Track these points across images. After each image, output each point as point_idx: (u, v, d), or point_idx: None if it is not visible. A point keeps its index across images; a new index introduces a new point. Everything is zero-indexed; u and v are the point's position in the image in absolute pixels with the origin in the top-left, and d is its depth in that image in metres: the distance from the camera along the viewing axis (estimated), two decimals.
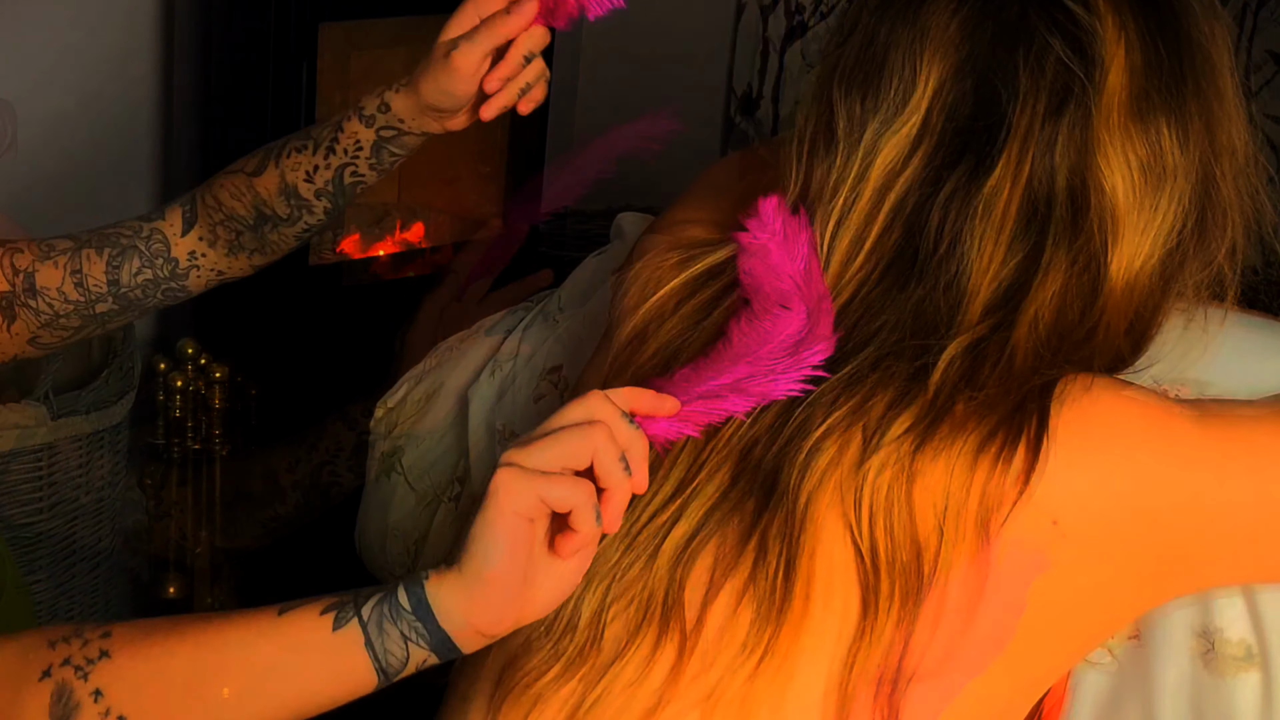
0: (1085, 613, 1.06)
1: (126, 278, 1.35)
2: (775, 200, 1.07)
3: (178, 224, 1.35)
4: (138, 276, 1.35)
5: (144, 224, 1.35)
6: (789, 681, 1.03)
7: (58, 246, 1.34)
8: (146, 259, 1.35)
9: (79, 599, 2.48)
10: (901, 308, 1.06)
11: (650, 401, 0.99)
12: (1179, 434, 1.03)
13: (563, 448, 0.94)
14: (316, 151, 1.32)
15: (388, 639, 0.94)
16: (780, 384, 1.01)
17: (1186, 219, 1.07)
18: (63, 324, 1.36)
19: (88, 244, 1.34)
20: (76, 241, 1.34)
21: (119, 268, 1.34)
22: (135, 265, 1.35)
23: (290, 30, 2.44)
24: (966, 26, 1.07)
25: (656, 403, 0.99)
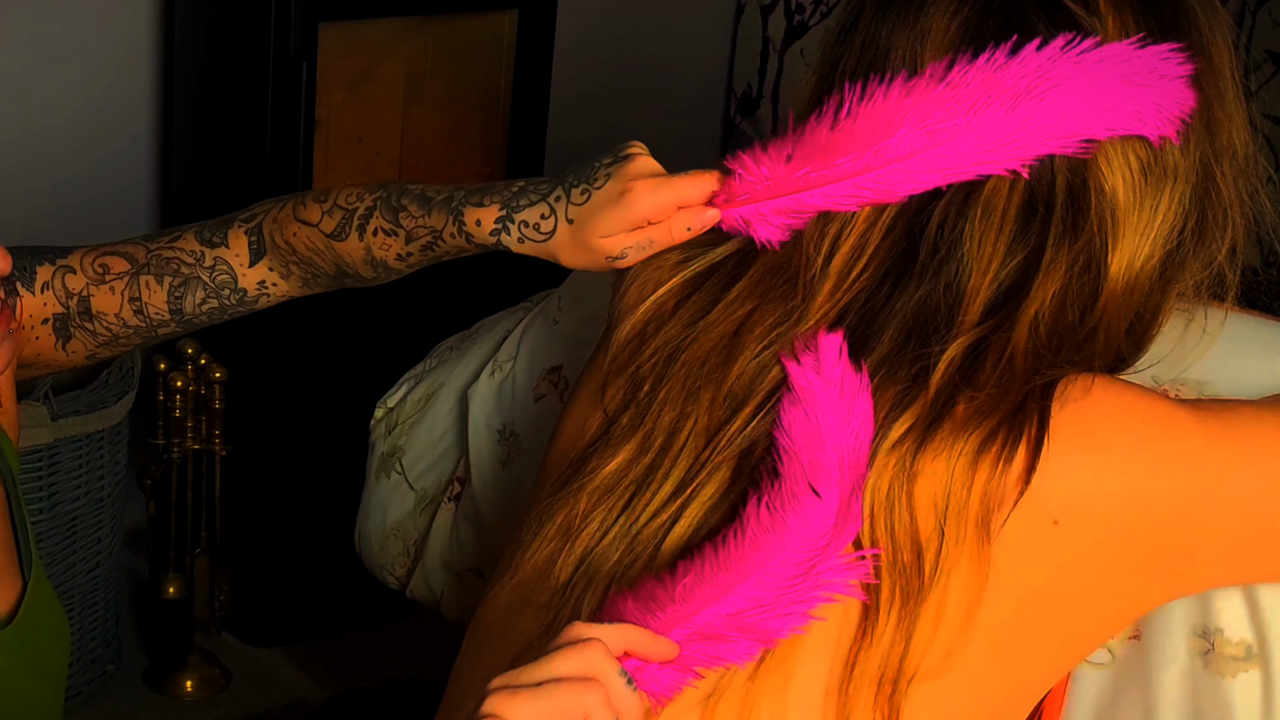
0: (1086, 613, 1.06)
1: (191, 307, 1.31)
2: (838, 340, 1.04)
3: (244, 254, 1.30)
4: (202, 306, 1.31)
5: (205, 250, 1.30)
6: (789, 681, 1.03)
7: (112, 269, 1.29)
8: (212, 290, 1.31)
9: (79, 599, 2.48)
10: (903, 309, 1.06)
11: (649, 646, 0.95)
12: (1180, 434, 1.03)
13: (553, 704, 0.90)
14: (410, 243, 1.25)
15: None
16: (789, 621, 0.97)
17: (1187, 219, 1.07)
18: (122, 343, 1.33)
19: (145, 269, 1.29)
20: (132, 264, 1.30)
21: (181, 298, 1.30)
22: (200, 295, 1.31)
23: (290, 30, 2.44)
24: (968, 27, 1.07)
25: (655, 647, 0.95)
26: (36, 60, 2.63)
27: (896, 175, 1.06)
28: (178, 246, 1.31)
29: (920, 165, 1.05)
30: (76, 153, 2.72)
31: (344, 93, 2.75)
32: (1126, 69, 1.04)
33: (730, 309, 1.11)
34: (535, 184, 1.21)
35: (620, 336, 1.15)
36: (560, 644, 0.92)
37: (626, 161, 1.18)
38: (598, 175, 1.18)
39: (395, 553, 1.64)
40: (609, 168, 1.18)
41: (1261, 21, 3.00)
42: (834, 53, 1.12)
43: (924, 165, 1.05)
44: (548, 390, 1.50)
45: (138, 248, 1.32)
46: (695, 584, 0.98)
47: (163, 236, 1.32)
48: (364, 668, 2.68)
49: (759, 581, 0.98)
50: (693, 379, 1.08)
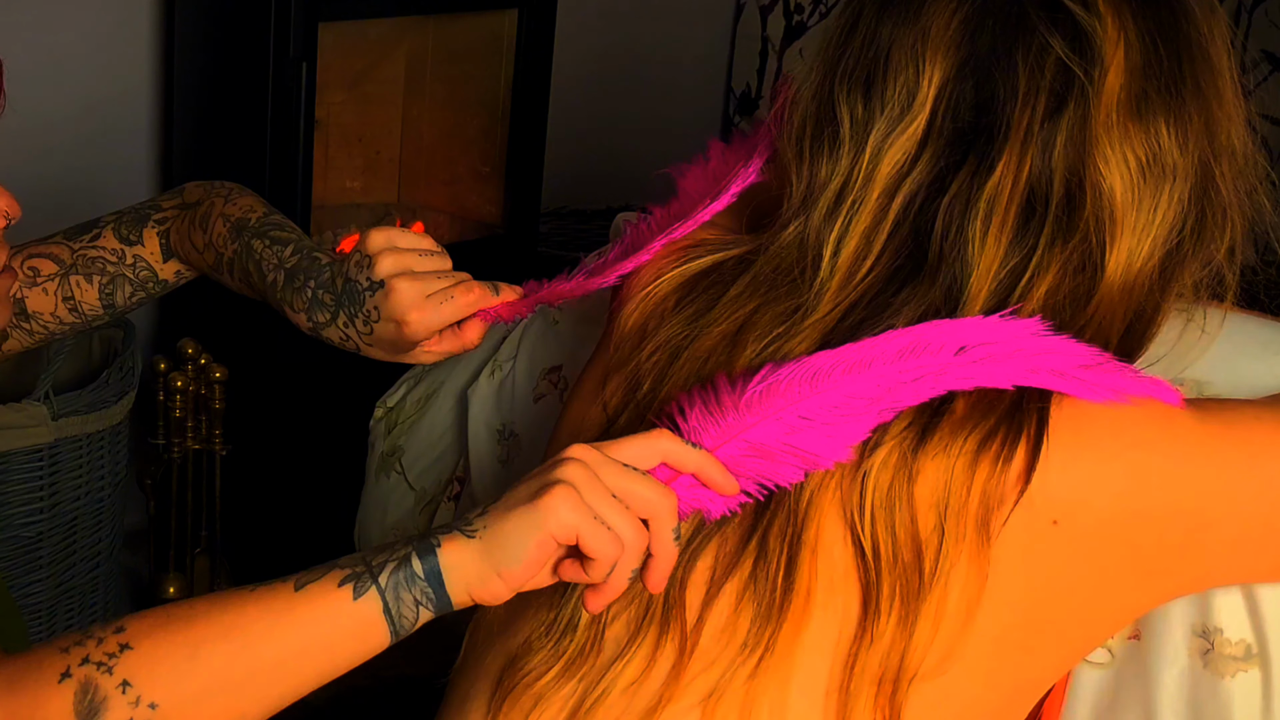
0: (1085, 612, 1.06)
1: (122, 300, 1.37)
2: None
3: (157, 252, 1.36)
4: (132, 298, 1.37)
5: (125, 248, 1.36)
6: (790, 681, 1.03)
7: (42, 270, 1.34)
8: (137, 284, 1.37)
9: (79, 599, 2.48)
10: (907, 309, 1.06)
11: (718, 477, 1.00)
12: (1179, 433, 1.03)
13: (638, 489, 0.96)
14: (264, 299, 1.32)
15: (403, 605, 0.97)
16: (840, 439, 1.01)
17: (1185, 219, 1.07)
18: (58, 337, 1.39)
19: (74, 269, 1.35)
20: (60, 265, 1.35)
21: (112, 294, 1.36)
22: (128, 290, 1.37)
23: (290, 30, 2.44)
24: (967, 26, 1.07)
25: (723, 480, 1.00)
26: (37, 60, 2.63)
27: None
28: (100, 245, 1.36)
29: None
30: (76, 152, 2.72)
31: (344, 93, 2.76)
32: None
33: (732, 307, 1.11)
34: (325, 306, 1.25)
35: (621, 334, 1.15)
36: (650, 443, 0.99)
37: (385, 297, 1.20)
38: (368, 307, 1.21)
39: None
40: (374, 299, 1.21)
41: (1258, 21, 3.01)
42: (834, 53, 1.12)
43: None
44: (547, 390, 1.50)
45: (61, 248, 1.36)
46: (763, 395, 1.00)
47: (84, 234, 1.37)
48: (364, 668, 2.68)
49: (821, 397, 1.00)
50: (693, 378, 1.08)
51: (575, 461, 0.96)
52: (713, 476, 1.00)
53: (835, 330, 1.07)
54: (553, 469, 0.96)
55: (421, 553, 0.96)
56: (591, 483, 0.95)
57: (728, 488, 1.00)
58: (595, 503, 0.95)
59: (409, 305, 1.19)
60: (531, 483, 0.96)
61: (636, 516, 0.96)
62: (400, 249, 1.20)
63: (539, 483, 0.96)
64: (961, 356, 1.01)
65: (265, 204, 1.36)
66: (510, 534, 0.95)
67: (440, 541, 0.96)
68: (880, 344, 1.02)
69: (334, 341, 1.25)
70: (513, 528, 0.95)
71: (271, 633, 0.96)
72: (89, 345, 2.48)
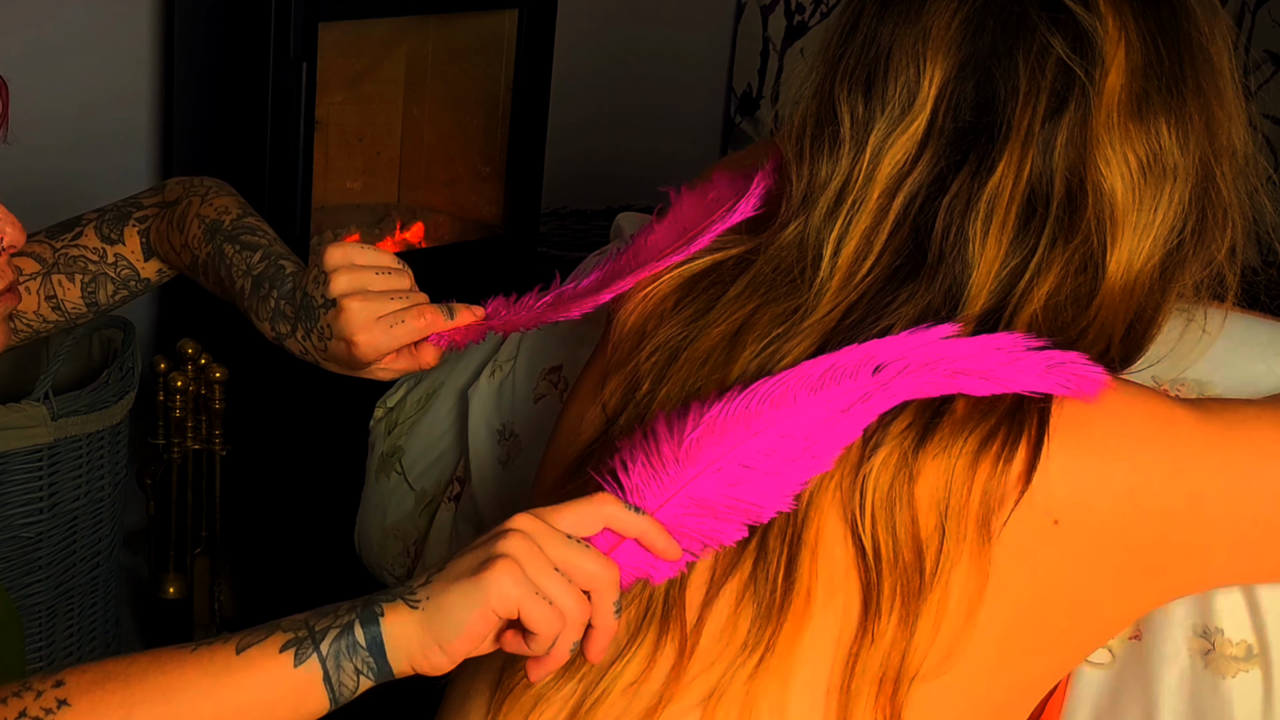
0: (1086, 612, 1.06)
1: (105, 299, 1.37)
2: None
3: (138, 251, 1.37)
4: (115, 296, 1.38)
5: (106, 247, 1.36)
6: (790, 681, 1.03)
7: (24, 270, 1.34)
8: (119, 283, 1.37)
9: (79, 599, 2.48)
10: (907, 309, 1.06)
11: (661, 543, 0.99)
12: (1180, 433, 1.03)
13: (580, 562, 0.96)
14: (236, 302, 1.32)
15: (343, 673, 0.96)
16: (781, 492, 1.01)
17: (1186, 220, 1.07)
18: (42, 335, 1.39)
19: (55, 268, 1.35)
20: (42, 264, 1.35)
21: (94, 292, 1.36)
22: (110, 289, 1.37)
23: (290, 30, 2.44)
24: (968, 26, 1.07)
25: (666, 546, 0.99)
26: (36, 60, 2.63)
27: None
28: (81, 244, 1.37)
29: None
30: (75, 153, 2.72)
31: (344, 93, 2.75)
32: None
33: (731, 307, 1.11)
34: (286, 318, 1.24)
35: (619, 333, 1.15)
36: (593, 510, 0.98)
37: (336, 316, 1.19)
38: (322, 324, 1.21)
39: (395, 553, 1.64)
40: (327, 316, 1.20)
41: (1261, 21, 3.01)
42: (835, 53, 1.12)
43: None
44: (547, 390, 1.50)
45: (43, 246, 1.37)
46: (700, 442, 1.00)
47: (65, 233, 1.38)
48: None
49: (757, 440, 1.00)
50: (693, 378, 1.08)
51: (518, 533, 0.95)
52: (654, 543, 0.99)
53: (835, 330, 1.07)
54: (496, 540, 0.95)
55: (364, 621, 0.95)
56: (534, 555, 0.94)
57: (670, 554, 0.99)
58: (537, 577, 0.94)
59: (358, 326, 1.18)
60: (476, 552, 0.96)
61: (579, 589, 0.95)
62: (357, 266, 1.19)
63: (483, 554, 0.95)
64: (880, 376, 1.01)
65: (241, 204, 1.35)
66: (453, 607, 0.94)
67: (384, 610, 0.95)
68: (799, 373, 1.01)
69: (295, 353, 1.25)
70: (455, 601, 0.94)
71: (208, 696, 0.95)
72: (89, 345, 2.48)
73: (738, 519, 1.00)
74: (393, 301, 1.19)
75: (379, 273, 1.20)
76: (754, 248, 1.13)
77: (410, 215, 2.84)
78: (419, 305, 1.19)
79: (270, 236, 1.31)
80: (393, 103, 2.85)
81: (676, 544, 0.99)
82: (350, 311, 1.18)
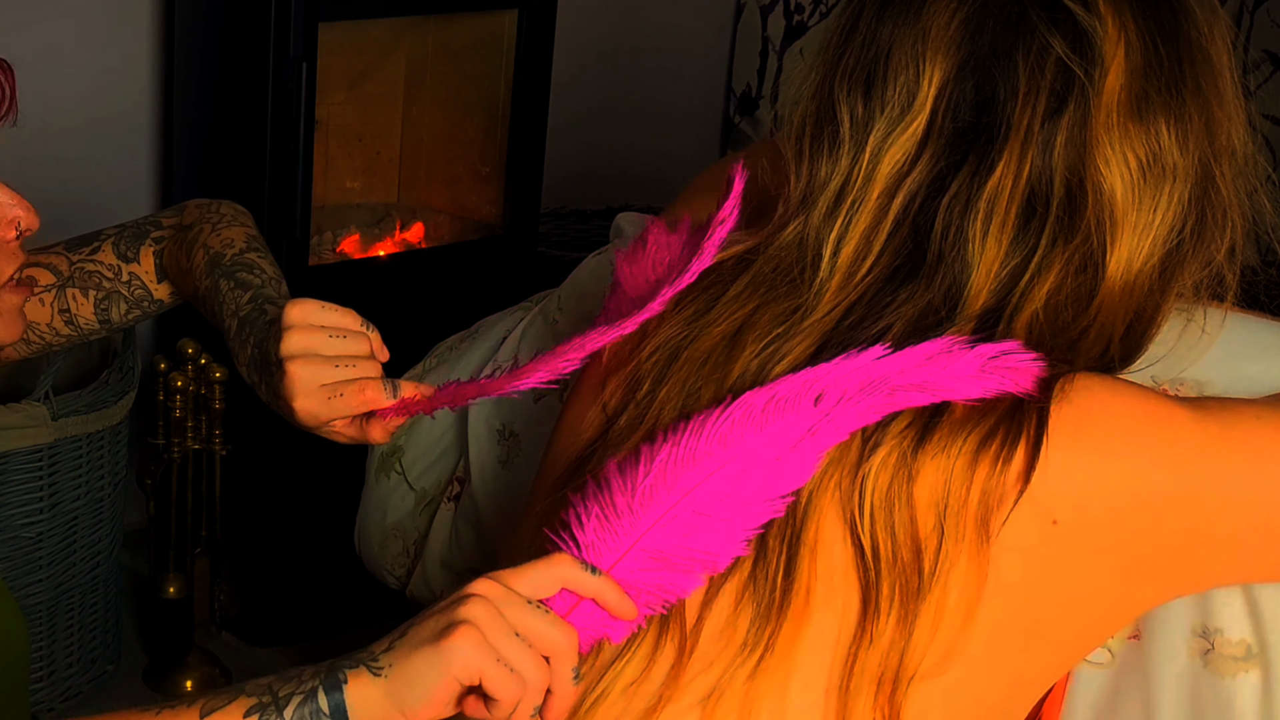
0: (1084, 612, 1.06)
1: (117, 317, 1.37)
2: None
3: (152, 272, 1.36)
4: (128, 315, 1.37)
5: (122, 265, 1.35)
6: (789, 681, 1.03)
7: (40, 281, 1.34)
8: (133, 302, 1.37)
9: (79, 599, 2.48)
10: (907, 309, 1.06)
11: (617, 603, 0.99)
12: (1178, 432, 1.03)
13: (541, 627, 0.96)
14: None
15: None
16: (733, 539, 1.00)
17: (1186, 220, 1.07)
18: (55, 348, 1.39)
19: (70, 282, 1.35)
20: (58, 276, 1.35)
21: (107, 310, 1.36)
22: (123, 307, 1.36)
23: (290, 30, 2.44)
24: (967, 26, 1.07)
25: (621, 606, 0.99)
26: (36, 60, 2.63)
27: None
28: (98, 260, 1.36)
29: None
30: (76, 152, 2.72)
31: (344, 93, 2.76)
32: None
33: (731, 307, 1.11)
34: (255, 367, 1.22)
35: None
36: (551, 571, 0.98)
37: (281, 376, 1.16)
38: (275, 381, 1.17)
39: (395, 553, 1.64)
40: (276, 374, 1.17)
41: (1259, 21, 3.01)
42: (834, 53, 1.12)
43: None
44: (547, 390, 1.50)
45: (60, 258, 1.36)
46: (652, 489, 1.00)
47: (83, 247, 1.37)
48: None
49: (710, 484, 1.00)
50: (693, 378, 1.09)
51: (479, 598, 0.95)
52: (610, 603, 0.99)
53: (835, 330, 1.07)
54: (457, 606, 0.95)
55: (328, 688, 0.95)
56: (495, 622, 0.95)
57: (627, 613, 0.99)
58: (498, 643, 0.94)
59: (297, 392, 1.15)
60: (437, 617, 0.96)
61: (539, 655, 0.96)
62: (311, 327, 1.15)
63: (444, 619, 0.95)
64: (822, 406, 1.01)
65: (249, 237, 1.33)
66: (414, 674, 0.94)
67: (347, 677, 0.95)
68: (743, 407, 1.01)
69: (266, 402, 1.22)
70: (417, 668, 0.94)
71: None
72: (89, 345, 2.49)
73: (695, 570, 1.00)
74: (338, 370, 1.15)
75: (333, 335, 1.16)
76: (754, 247, 1.13)
77: (410, 215, 2.85)
78: (362, 380, 1.15)
79: (267, 276, 1.28)
80: (393, 103, 2.85)
81: (633, 604, 0.99)
82: (290, 375, 1.15)
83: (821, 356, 1.06)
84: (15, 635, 1.35)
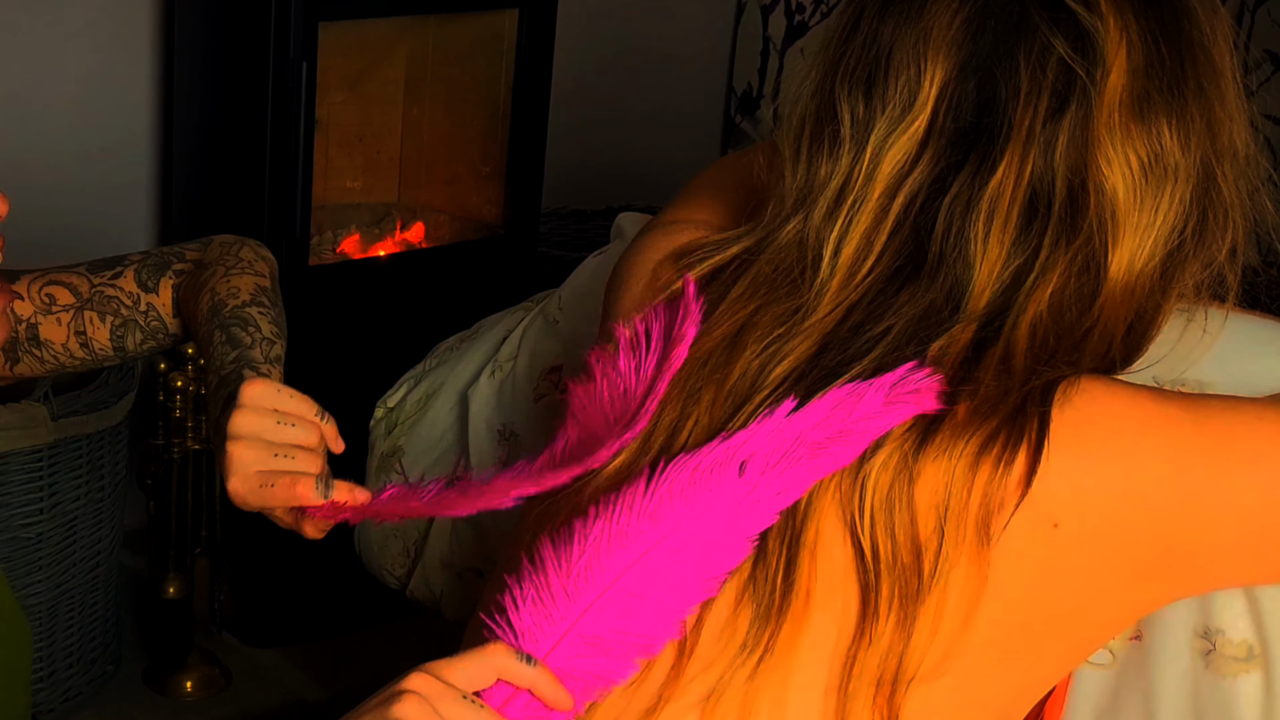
0: (1085, 615, 1.06)
1: (132, 346, 1.36)
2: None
3: (169, 305, 1.35)
4: (143, 346, 1.36)
5: (141, 294, 1.34)
6: (789, 682, 1.03)
7: (58, 299, 1.33)
8: (148, 333, 1.36)
9: (79, 599, 2.48)
10: (908, 310, 1.06)
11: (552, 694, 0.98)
12: (1180, 437, 1.03)
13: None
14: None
15: None
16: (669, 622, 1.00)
17: (1187, 220, 1.07)
18: (68, 369, 1.38)
19: (89, 304, 1.34)
20: (77, 297, 1.34)
21: (123, 338, 1.35)
22: (139, 337, 1.36)
23: (290, 30, 2.44)
24: (969, 26, 1.07)
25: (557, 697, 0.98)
26: (36, 60, 2.63)
27: None
28: (119, 285, 1.35)
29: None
30: (76, 152, 2.72)
31: (344, 93, 2.76)
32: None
33: (733, 309, 1.11)
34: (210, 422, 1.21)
35: None
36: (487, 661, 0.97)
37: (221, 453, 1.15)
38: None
39: (395, 552, 1.64)
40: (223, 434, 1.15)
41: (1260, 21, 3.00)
42: (835, 52, 1.12)
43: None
44: (548, 390, 1.50)
45: (81, 279, 1.35)
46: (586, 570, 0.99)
47: (106, 270, 1.36)
48: (364, 668, 2.68)
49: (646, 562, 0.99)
50: (694, 379, 1.08)
51: (412, 695, 0.94)
52: (545, 695, 0.98)
53: (836, 330, 1.07)
54: (390, 703, 0.94)
55: None
56: (430, 718, 0.93)
57: (562, 705, 0.99)
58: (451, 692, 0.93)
59: (231, 473, 1.13)
60: (371, 716, 0.95)
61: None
62: (262, 409, 1.14)
63: (378, 717, 0.94)
64: (746, 477, 1.00)
65: (256, 289, 1.31)
66: None
67: None
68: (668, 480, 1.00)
69: None
70: None
71: None
72: None
73: (630, 655, 1.00)
74: (276, 459, 1.13)
75: (282, 422, 1.14)
76: (753, 247, 1.13)
77: (410, 215, 2.85)
78: (296, 475, 1.13)
79: (260, 336, 1.27)
80: (393, 103, 2.85)
81: (568, 696, 0.98)
82: (229, 454, 1.13)
83: (822, 357, 1.06)
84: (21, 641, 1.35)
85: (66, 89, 2.67)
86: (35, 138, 2.66)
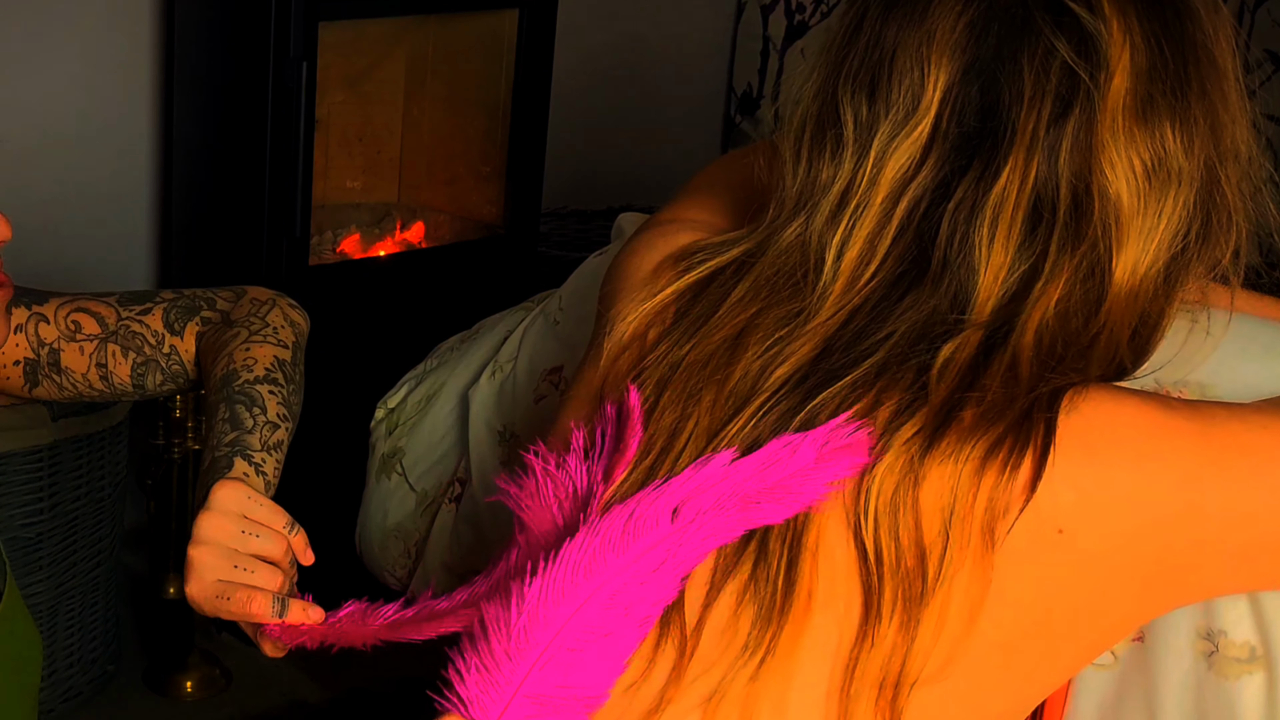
0: (1089, 620, 1.06)
1: (152, 386, 1.35)
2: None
3: (192, 350, 1.35)
4: (162, 386, 1.36)
5: (166, 335, 1.34)
6: (790, 683, 1.03)
7: (84, 328, 1.33)
8: (169, 375, 1.35)
9: (79, 599, 2.48)
10: (912, 315, 1.06)
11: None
12: (1183, 444, 1.03)
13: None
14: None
15: None
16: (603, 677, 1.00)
17: (1191, 223, 1.07)
18: (86, 399, 1.37)
19: (113, 338, 1.33)
20: (103, 328, 1.34)
21: (143, 377, 1.34)
22: (159, 378, 1.35)
23: (290, 30, 2.44)
24: (973, 30, 1.07)
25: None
26: (36, 60, 2.63)
27: None
28: (146, 323, 1.35)
29: None
30: (76, 153, 2.72)
31: (344, 93, 2.76)
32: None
33: (733, 312, 1.10)
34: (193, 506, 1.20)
35: (619, 339, 1.15)
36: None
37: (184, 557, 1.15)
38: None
39: (396, 553, 1.64)
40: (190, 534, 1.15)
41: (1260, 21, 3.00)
42: (838, 54, 1.11)
43: None
44: (548, 391, 1.50)
45: (110, 310, 1.35)
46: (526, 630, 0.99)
47: (135, 304, 1.35)
48: (364, 668, 2.68)
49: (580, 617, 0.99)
50: (694, 381, 1.08)
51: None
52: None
53: (838, 334, 1.07)
54: None
55: None
56: None
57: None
58: None
59: (190, 577, 1.13)
60: None
61: None
62: (230, 514, 1.14)
63: None
64: (678, 523, 1.00)
65: (276, 360, 1.30)
66: None
67: None
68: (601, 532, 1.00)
69: None
70: None
71: None
72: None
73: (578, 709, 1.00)
74: (235, 570, 1.13)
75: (247, 531, 1.14)
76: (753, 250, 1.13)
77: (410, 215, 2.84)
78: (252, 590, 1.12)
79: (264, 420, 1.25)
80: (393, 103, 2.85)
81: None
82: (190, 558, 1.13)
83: (824, 360, 1.06)
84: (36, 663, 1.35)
85: (67, 89, 2.67)
86: (35, 137, 2.66)
